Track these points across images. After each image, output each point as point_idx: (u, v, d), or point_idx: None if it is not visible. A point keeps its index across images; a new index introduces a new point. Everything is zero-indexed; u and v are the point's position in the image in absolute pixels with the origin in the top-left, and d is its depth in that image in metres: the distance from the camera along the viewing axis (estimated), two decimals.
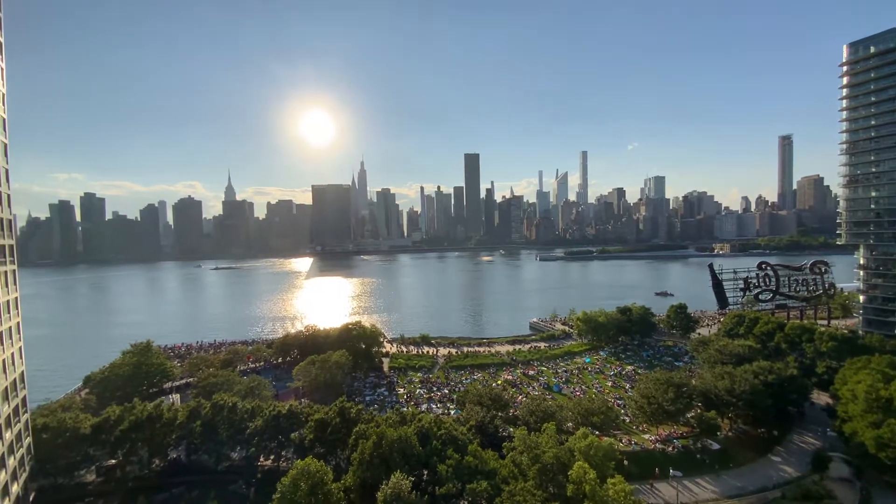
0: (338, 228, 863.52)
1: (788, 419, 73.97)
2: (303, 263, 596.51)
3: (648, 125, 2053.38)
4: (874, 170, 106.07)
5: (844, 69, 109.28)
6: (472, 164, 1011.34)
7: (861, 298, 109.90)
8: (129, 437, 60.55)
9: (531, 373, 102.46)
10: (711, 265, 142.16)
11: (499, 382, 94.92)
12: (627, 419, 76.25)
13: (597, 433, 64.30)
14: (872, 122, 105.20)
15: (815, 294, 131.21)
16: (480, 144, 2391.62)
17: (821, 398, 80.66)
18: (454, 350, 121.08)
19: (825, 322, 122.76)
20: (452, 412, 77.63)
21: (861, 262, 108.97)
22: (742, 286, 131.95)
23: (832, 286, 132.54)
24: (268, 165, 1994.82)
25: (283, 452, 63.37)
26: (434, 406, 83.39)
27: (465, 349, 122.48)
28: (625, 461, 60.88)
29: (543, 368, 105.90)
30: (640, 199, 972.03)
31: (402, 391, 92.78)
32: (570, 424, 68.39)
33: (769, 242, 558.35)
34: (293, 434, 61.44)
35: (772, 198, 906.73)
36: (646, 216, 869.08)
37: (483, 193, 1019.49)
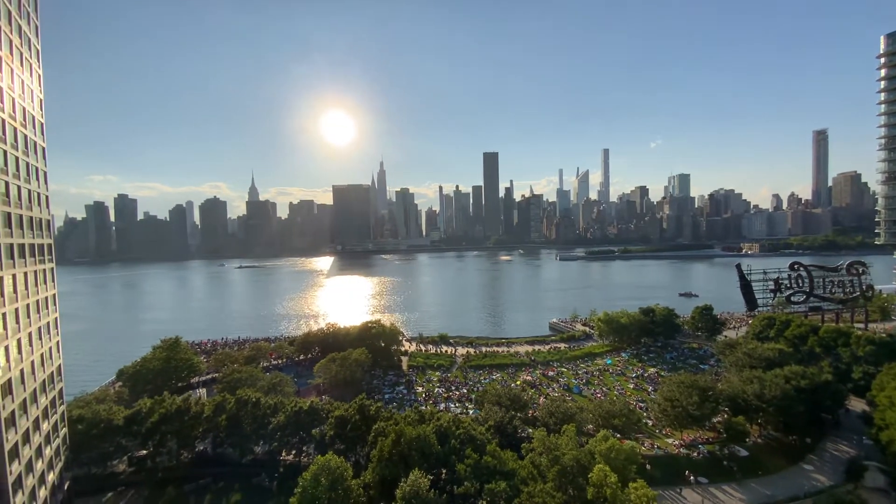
0: (358, 228, 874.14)
1: (822, 426, 70.85)
2: (324, 262, 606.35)
3: (673, 121, 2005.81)
4: None
5: (882, 61, 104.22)
6: (491, 163, 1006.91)
7: None
8: (160, 429, 62.81)
9: (551, 374, 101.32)
10: (739, 265, 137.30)
11: (518, 383, 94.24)
12: (650, 422, 74.55)
13: (618, 436, 63.04)
14: None
15: (852, 296, 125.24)
16: (500, 143, 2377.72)
17: (857, 405, 76.95)
18: (472, 350, 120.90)
19: (862, 325, 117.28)
20: (471, 412, 77.52)
21: None
22: (772, 287, 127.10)
23: (870, 288, 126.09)
24: (290, 166, 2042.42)
25: (305, 448, 64.60)
26: (452, 405, 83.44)
27: (484, 349, 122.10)
28: (647, 465, 59.55)
29: (563, 369, 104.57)
30: (664, 198, 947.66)
31: (421, 390, 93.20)
32: (591, 426, 67.35)
33: (802, 242, 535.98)
34: (314, 430, 62.58)
35: (805, 195, 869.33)
36: (670, 215, 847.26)
37: (502, 192, 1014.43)
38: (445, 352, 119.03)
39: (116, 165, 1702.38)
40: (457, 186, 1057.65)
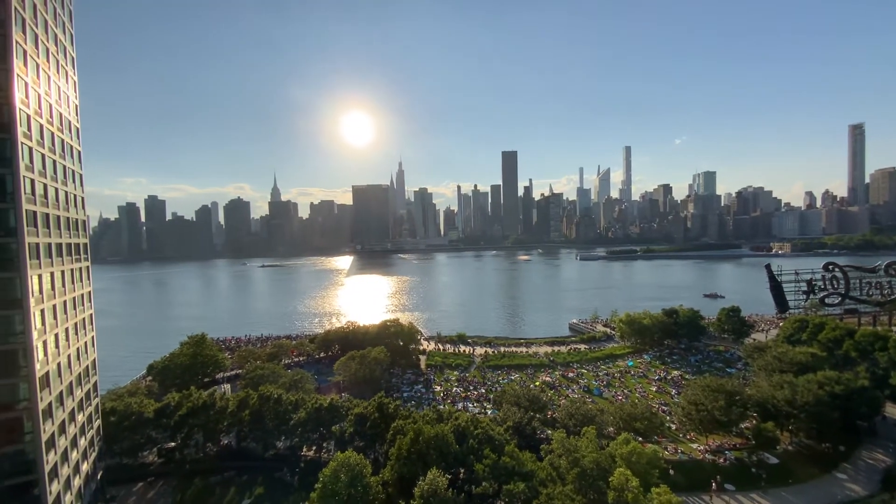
0: (377, 228, 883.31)
1: (857, 434, 67.72)
2: (343, 262, 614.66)
3: (698, 117, 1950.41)
4: None
5: None
6: (510, 162, 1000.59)
7: None
8: (187, 423, 64.94)
9: (570, 375, 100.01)
10: (769, 266, 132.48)
11: (537, 384, 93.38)
12: (673, 426, 72.64)
13: (640, 439, 61.84)
14: None
15: (891, 298, 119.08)
16: (519, 142, 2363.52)
17: (894, 412, 73.40)
18: (491, 350, 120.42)
19: None
20: (489, 412, 77.20)
21: None
22: (805, 289, 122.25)
23: None
24: (311, 167, 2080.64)
25: (325, 444, 65.63)
26: (470, 405, 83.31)
27: (502, 349, 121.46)
28: (670, 470, 58.07)
29: (583, 371, 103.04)
30: (689, 196, 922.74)
31: (439, 389, 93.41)
32: (612, 429, 66.18)
33: (837, 241, 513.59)
34: (334, 427, 63.51)
35: (841, 192, 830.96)
36: (694, 214, 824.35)
37: (521, 191, 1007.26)
38: (463, 351, 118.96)
39: (146, 168, 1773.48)
40: (475, 186, 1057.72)
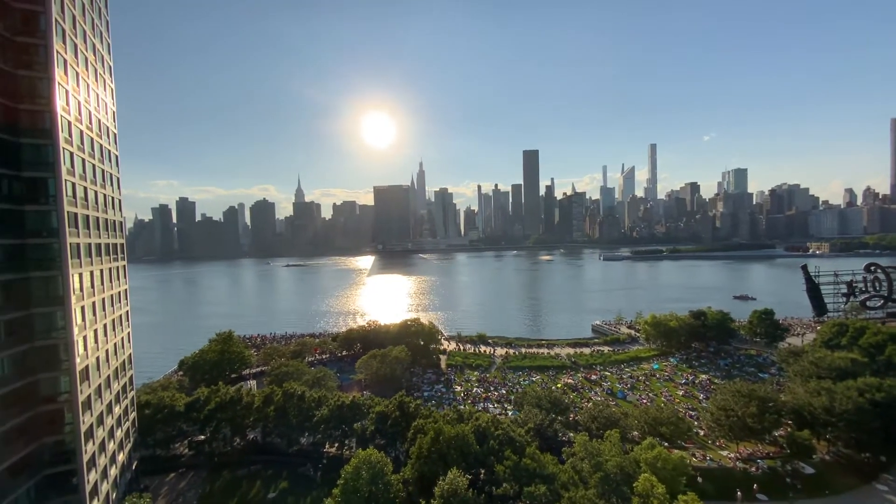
0: (397, 228, 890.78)
1: None
2: (365, 261, 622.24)
3: (728, 113, 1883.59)
4: None
5: None
6: (531, 161, 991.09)
7: None
8: (215, 417, 67.16)
9: (593, 377, 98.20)
10: (805, 266, 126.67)
11: (558, 385, 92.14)
12: (701, 432, 70.36)
13: (665, 445, 60.11)
14: None
15: None
16: (540, 140, 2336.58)
17: None
18: (511, 350, 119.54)
19: None
20: (510, 413, 76.70)
21: None
22: (845, 291, 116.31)
23: None
24: (334, 168, 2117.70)
25: (347, 441, 66.61)
26: (491, 406, 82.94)
27: (523, 350, 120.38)
28: (698, 478, 56.25)
29: (607, 373, 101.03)
30: (718, 194, 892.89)
31: (459, 389, 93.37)
32: (636, 433, 64.65)
33: (879, 241, 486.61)
34: (356, 424, 64.34)
35: (883, 189, 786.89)
36: (724, 212, 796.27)
37: (542, 191, 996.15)
38: (484, 352, 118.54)
39: (177, 170, 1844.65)
40: (496, 185, 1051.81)
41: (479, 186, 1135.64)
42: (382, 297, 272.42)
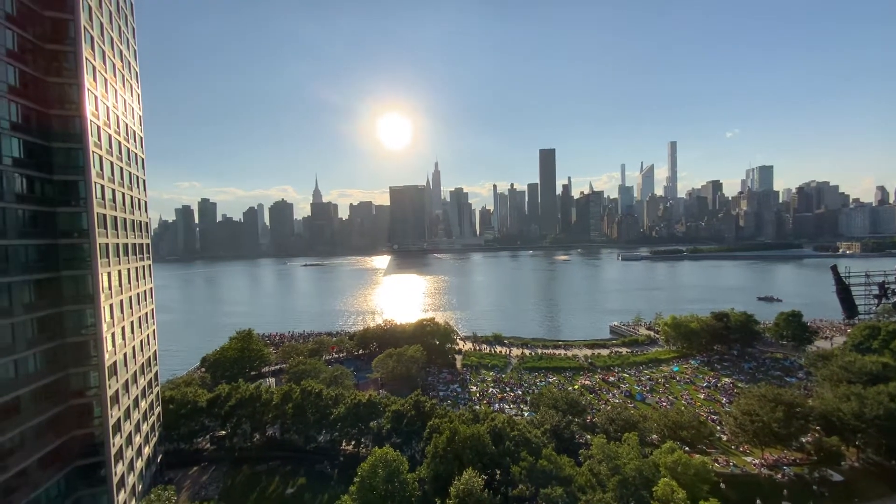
0: (413, 228, 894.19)
1: None
2: (381, 261, 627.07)
3: (752, 108, 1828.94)
4: None
5: None
6: (548, 160, 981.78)
7: None
8: (236, 413, 68.66)
9: (611, 379, 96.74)
10: (835, 267, 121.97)
11: (575, 387, 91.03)
12: (724, 437, 68.49)
13: (686, 449, 58.72)
14: None
15: None
16: (557, 139, 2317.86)
17: None
18: (528, 351, 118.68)
19: None
20: (526, 414, 76.15)
21: None
22: (877, 292, 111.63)
23: None
24: (350, 169, 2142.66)
25: (363, 439, 67.14)
26: (507, 406, 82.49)
27: (540, 351, 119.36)
28: (721, 484, 54.77)
29: (625, 375, 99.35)
30: (741, 193, 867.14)
31: (475, 389, 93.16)
32: (655, 437, 63.39)
33: None
34: (372, 423, 64.87)
35: None
36: (748, 211, 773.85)
37: (559, 190, 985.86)
38: (500, 352, 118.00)
39: (199, 172, 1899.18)
40: (511, 185, 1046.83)
41: (495, 186, 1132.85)
42: (398, 297, 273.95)
